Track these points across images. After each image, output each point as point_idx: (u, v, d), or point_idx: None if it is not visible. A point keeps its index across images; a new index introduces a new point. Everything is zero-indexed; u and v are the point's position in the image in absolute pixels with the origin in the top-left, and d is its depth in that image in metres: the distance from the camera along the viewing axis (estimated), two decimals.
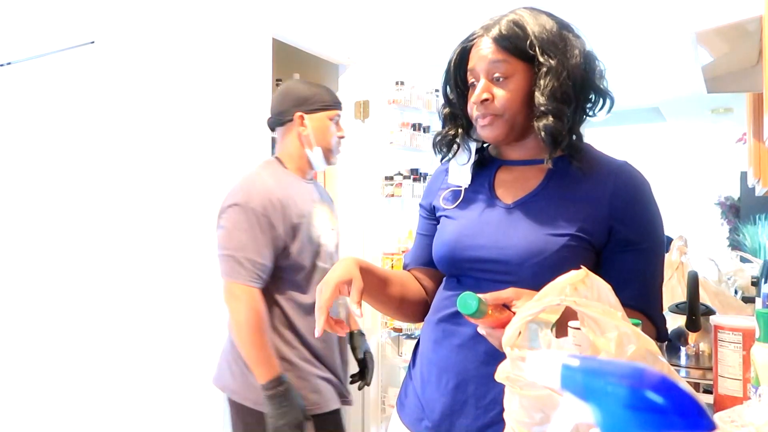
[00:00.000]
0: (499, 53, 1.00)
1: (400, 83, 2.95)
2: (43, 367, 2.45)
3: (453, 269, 1.08)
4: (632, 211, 1.00)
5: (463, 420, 1.03)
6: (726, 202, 5.21)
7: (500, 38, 1.00)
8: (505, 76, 1.00)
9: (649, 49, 3.65)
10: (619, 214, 0.99)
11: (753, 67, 1.53)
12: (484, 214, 1.06)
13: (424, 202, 1.20)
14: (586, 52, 1.02)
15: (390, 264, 2.86)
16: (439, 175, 1.20)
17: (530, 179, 1.05)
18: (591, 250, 1.00)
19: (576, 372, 0.49)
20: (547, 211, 1.01)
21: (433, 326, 1.09)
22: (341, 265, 1.00)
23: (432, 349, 1.09)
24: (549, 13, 1.04)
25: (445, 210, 1.12)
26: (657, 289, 1.04)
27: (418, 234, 1.21)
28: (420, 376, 1.11)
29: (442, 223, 1.12)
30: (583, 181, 1.02)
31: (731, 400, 1.01)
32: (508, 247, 1.00)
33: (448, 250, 1.07)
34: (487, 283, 1.01)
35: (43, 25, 2.47)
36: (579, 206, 1.00)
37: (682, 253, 2.05)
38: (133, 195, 2.21)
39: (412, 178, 2.96)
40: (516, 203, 1.04)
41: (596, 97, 1.03)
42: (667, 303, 1.66)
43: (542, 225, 1.00)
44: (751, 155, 2.31)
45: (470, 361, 1.02)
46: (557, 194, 1.02)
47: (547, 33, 0.99)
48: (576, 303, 0.63)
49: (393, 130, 2.97)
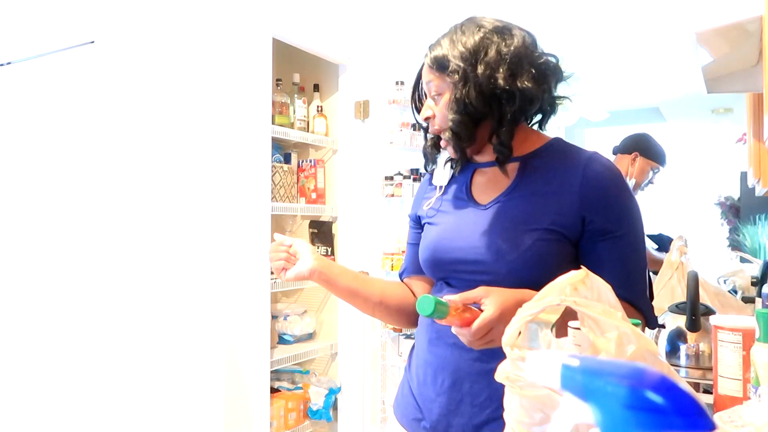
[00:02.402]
0: (430, 73, 1.07)
1: (400, 83, 2.95)
2: (42, 368, 2.45)
3: (438, 272, 1.13)
4: (604, 199, 1.00)
5: (460, 419, 1.04)
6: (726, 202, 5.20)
7: (431, 60, 1.06)
8: (438, 94, 1.06)
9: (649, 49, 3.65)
10: (590, 203, 1.00)
11: (753, 67, 1.53)
12: (461, 216, 1.11)
13: (411, 213, 1.27)
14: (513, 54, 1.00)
15: (390, 264, 2.86)
16: (423, 185, 1.27)
17: (503, 179, 1.09)
18: (566, 242, 1.01)
19: (576, 372, 0.49)
20: (520, 208, 1.04)
21: (427, 328, 1.12)
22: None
23: (427, 349, 1.11)
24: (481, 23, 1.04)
25: (428, 217, 1.18)
26: (639, 275, 1.04)
27: (408, 244, 1.27)
28: (416, 377, 1.13)
29: (425, 229, 1.17)
30: (553, 174, 1.04)
31: (731, 400, 1.01)
32: (483, 245, 1.03)
33: (430, 254, 1.12)
34: (470, 283, 1.03)
35: (43, 25, 2.47)
36: (550, 199, 1.02)
37: (682, 253, 2.05)
38: (133, 195, 2.21)
39: (412, 178, 2.95)
40: (490, 203, 1.08)
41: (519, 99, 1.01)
42: (667, 303, 1.66)
43: (515, 222, 1.02)
44: (751, 155, 2.31)
45: (464, 359, 1.04)
46: (529, 190, 1.05)
47: (461, 48, 1.02)
48: (576, 303, 0.63)
49: (393, 130, 2.97)
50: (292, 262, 1.15)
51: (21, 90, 2.57)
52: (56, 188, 2.42)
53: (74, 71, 2.38)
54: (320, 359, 2.88)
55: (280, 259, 1.14)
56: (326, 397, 2.66)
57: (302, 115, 2.75)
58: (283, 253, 1.15)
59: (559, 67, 1.06)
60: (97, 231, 2.28)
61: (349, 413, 2.74)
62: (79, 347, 2.33)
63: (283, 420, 2.53)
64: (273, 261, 1.15)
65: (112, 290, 2.25)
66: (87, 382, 2.30)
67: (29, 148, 2.53)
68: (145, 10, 2.21)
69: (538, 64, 1.03)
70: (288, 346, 2.70)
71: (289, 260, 1.14)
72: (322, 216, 2.87)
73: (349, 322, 2.77)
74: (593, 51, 3.89)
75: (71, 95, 2.38)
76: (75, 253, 2.35)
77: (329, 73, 2.87)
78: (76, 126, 2.36)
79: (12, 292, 2.56)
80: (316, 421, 2.68)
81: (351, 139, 2.82)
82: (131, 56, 2.23)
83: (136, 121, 2.21)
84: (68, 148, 2.39)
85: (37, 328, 2.46)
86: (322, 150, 2.92)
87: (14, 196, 2.57)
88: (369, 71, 2.83)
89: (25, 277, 2.52)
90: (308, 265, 1.13)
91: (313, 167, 2.81)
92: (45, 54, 2.47)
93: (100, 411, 2.26)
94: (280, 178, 2.66)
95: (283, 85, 2.69)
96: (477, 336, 0.88)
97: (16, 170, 2.57)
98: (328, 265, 1.17)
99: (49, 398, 2.42)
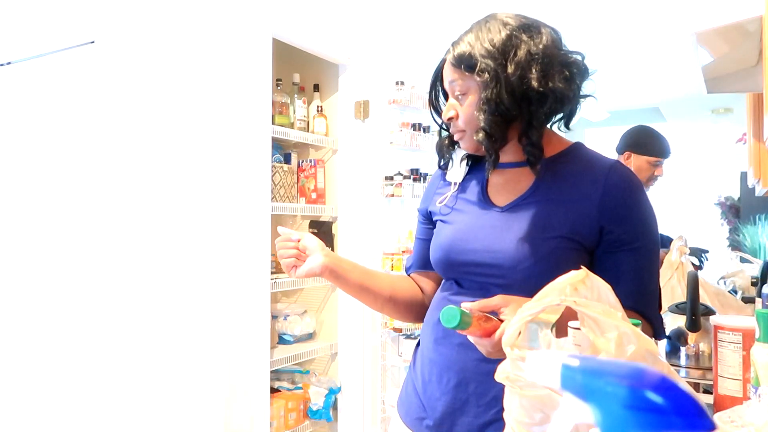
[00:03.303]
0: (454, 72, 1.04)
1: (400, 83, 2.95)
2: (42, 367, 2.45)
3: (449, 272, 1.10)
4: (623, 210, 0.99)
5: (465, 418, 1.04)
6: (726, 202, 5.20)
7: (454, 59, 1.03)
8: (462, 93, 1.04)
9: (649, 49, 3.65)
10: (610, 214, 0.99)
11: (753, 67, 1.53)
12: (477, 217, 1.08)
13: (421, 207, 1.23)
14: (543, 54, 0.99)
15: (390, 264, 2.86)
16: (435, 180, 1.22)
17: (521, 182, 1.06)
18: (582, 251, 1.00)
19: (576, 372, 0.49)
20: (538, 214, 1.01)
21: (433, 326, 1.11)
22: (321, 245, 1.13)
23: (433, 348, 1.10)
24: (506, 20, 1.02)
25: (441, 214, 1.15)
26: (653, 287, 1.03)
27: (417, 239, 1.24)
28: (421, 376, 1.12)
29: (438, 227, 1.15)
30: (574, 182, 1.02)
31: (731, 400, 1.01)
32: (500, 250, 1.01)
33: (444, 254, 1.09)
34: (482, 285, 1.03)
35: (43, 25, 2.47)
36: (569, 207, 1.00)
37: (682, 253, 2.05)
38: (134, 195, 2.21)
39: (412, 178, 2.95)
40: (508, 206, 1.06)
41: (551, 100, 1.00)
42: (667, 303, 1.66)
43: (533, 228, 1.00)
44: (751, 155, 2.31)
45: (470, 359, 1.03)
46: (548, 196, 1.02)
47: (488, 46, 0.99)
48: (576, 303, 0.63)
49: (393, 130, 2.97)
50: (302, 258, 1.11)
51: (21, 90, 2.57)
52: (57, 188, 2.42)
53: (74, 71, 2.38)
54: (320, 359, 2.88)
55: (291, 256, 1.10)
56: (326, 397, 2.66)
57: (302, 115, 2.75)
58: (292, 249, 1.10)
59: (586, 65, 1.04)
60: (98, 231, 2.28)
61: (349, 413, 2.74)
62: (79, 347, 2.33)
63: (283, 420, 2.53)
64: (283, 258, 1.10)
65: (112, 290, 2.25)
66: (87, 382, 2.30)
67: (29, 148, 2.53)
68: (145, 10, 2.21)
69: (568, 63, 1.01)
70: (288, 346, 2.70)
71: (299, 257, 1.10)
72: (322, 216, 2.87)
73: (349, 322, 2.77)
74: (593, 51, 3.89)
75: (71, 95, 2.38)
76: (75, 253, 2.35)
77: (329, 73, 2.87)
78: (77, 126, 2.36)
79: (12, 292, 2.56)
80: (316, 421, 2.68)
81: (351, 139, 2.82)
82: (131, 56, 2.23)
83: (136, 122, 2.21)
84: (68, 148, 2.39)
85: (38, 327, 2.46)
86: (322, 150, 2.92)
87: (14, 196, 2.57)
88: (369, 71, 2.83)
89: (25, 277, 2.52)
90: (319, 261, 1.09)
91: (313, 167, 2.81)
92: (45, 54, 2.47)
93: (101, 411, 2.26)
94: (280, 178, 2.66)
95: (283, 85, 2.69)
96: (499, 347, 0.85)
97: (17, 170, 2.57)
98: (338, 260, 1.14)
99: (49, 398, 2.42)
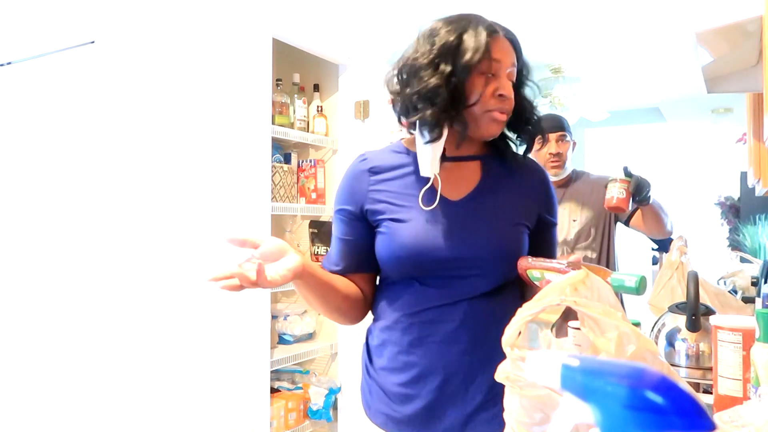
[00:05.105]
0: (514, 56, 1.09)
1: None
2: (42, 367, 2.45)
3: (414, 271, 1.07)
4: (551, 200, 1.20)
5: (452, 411, 1.06)
6: (726, 203, 5.20)
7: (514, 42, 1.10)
8: (510, 79, 1.08)
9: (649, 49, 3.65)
10: (544, 204, 1.18)
11: (753, 67, 1.53)
12: (434, 213, 1.07)
13: (347, 206, 1.14)
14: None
15: None
16: (361, 175, 1.13)
17: (468, 175, 1.12)
18: (527, 234, 1.14)
19: (576, 372, 0.49)
20: (495, 204, 1.11)
21: (404, 329, 1.09)
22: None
23: (407, 351, 1.09)
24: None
25: (388, 213, 1.09)
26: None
27: (341, 239, 1.15)
28: (392, 379, 1.11)
29: (389, 227, 1.08)
30: (513, 175, 1.15)
31: (731, 400, 1.01)
32: (471, 242, 1.06)
33: (408, 255, 1.05)
34: (451, 280, 1.05)
35: (43, 25, 2.47)
36: (517, 198, 1.14)
37: (682, 253, 2.05)
38: (134, 195, 2.21)
39: None
40: (464, 199, 1.10)
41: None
42: (667, 303, 1.66)
43: (496, 217, 1.10)
44: (751, 155, 2.31)
45: (454, 353, 1.05)
46: (495, 188, 1.13)
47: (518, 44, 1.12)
48: (576, 303, 0.63)
49: (393, 130, 2.97)
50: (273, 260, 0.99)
51: (21, 90, 2.57)
52: (57, 188, 2.42)
53: (74, 71, 2.38)
54: (320, 359, 2.88)
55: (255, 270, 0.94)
56: (326, 397, 2.66)
57: (302, 115, 2.75)
58: (253, 264, 0.96)
59: None
60: (98, 231, 2.27)
61: (349, 413, 2.74)
62: (79, 347, 2.33)
63: (283, 420, 2.53)
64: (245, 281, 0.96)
65: (111, 291, 2.24)
66: (87, 382, 2.30)
67: (29, 149, 2.53)
68: (145, 10, 2.21)
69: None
70: (288, 346, 2.70)
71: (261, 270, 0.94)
72: (322, 216, 2.87)
73: None
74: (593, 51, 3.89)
75: (71, 95, 2.38)
76: (75, 254, 2.35)
77: (329, 73, 2.87)
78: (77, 126, 2.36)
79: (12, 292, 2.56)
80: (316, 421, 2.68)
81: (351, 139, 2.82)
82: (131, 56, 2.23)
83: (136, 122, 2.21)
84: (68, 149, 2.39)
85: (38, 327, 2.46)
86: (322, 150, 2.92)
87: (14, 196, 2.57)
88: (369, 71, 2.83)
89: (25, 277, 2.52)
90: (299, 260, 0.98)
91: (313, 167, 2.81)
92: (45, 54, 2.47)
93: (101, 411, 2.26)
94: (280, 178, 2.66)
95: (283, 85, 2.69)
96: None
97: (16, 170, 2.57)
98: (304, 255, 1.17)
99: (49, 398, 2.42)
